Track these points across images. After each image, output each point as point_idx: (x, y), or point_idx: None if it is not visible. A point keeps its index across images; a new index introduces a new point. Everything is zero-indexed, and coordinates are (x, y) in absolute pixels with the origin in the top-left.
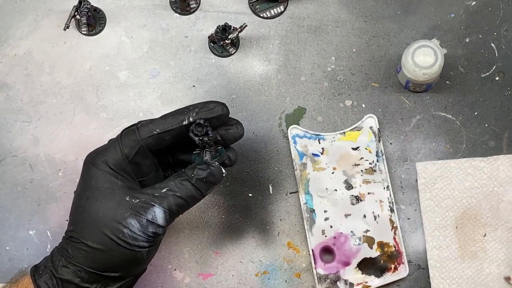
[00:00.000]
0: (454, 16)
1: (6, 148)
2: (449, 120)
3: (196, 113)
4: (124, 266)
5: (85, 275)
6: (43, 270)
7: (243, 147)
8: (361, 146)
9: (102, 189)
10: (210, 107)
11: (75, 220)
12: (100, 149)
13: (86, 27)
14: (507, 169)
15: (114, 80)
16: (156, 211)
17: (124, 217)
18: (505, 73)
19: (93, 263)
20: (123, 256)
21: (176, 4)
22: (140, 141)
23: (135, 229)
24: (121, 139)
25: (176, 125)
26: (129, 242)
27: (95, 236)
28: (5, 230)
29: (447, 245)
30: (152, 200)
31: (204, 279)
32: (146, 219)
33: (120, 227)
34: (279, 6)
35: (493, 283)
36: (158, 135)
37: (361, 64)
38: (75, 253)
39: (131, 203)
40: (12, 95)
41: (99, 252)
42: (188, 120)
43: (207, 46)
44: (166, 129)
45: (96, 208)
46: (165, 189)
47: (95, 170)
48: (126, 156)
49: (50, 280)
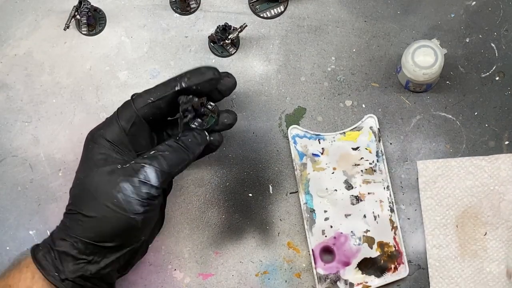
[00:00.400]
0: (454, 16)
1: (6, 148)
2: (449, 120)
3: (188, 78)
4: (120, 234)
5: (82, 246)
6: (42, 246)
7: (243, 147)
8: (361, 146)
9: (97, 161)
10: (201, 71)
11: (73, 194)
12: (100, 125)
13: (86, 27)
14: (508, 168)
15: (114, 80)
16: (148, 170)
17: (117, 182)
18: (505, 73)
19: (89, 233)
20: (118, 223)
21: (176, 4)
22: (136, 112)
23: (129, 192)
24: (117, 113)
25: (169, 91)
26: (123, 207)
27: (91, 205)
28: (5, 230)
29: (447, 244)
30: (142, 161)
31: (204, 279)
32: (138, 180)
33: (114, 192)
34: (279, 6)
35: (493, 282)
36: (153, 103)
37: (361, 64)
38: (72, 224)
39: (122, 169)
40: (12, 95)
41: (94, 221)
42: (180, 85)
43: (207, 46)
44: (160, 96)
45: (90, 178)
46: (154, 151)
47: (93, 144)
48: (123, 128)
49: (48, 253)
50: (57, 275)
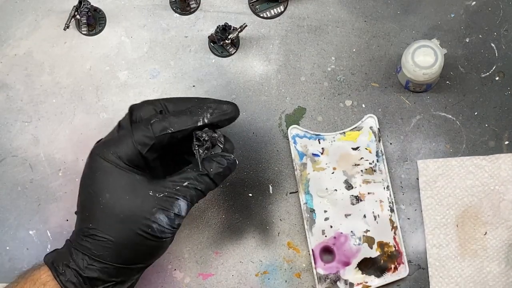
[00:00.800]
0: (454, 16)
1: (6, 148)
2: (449, 120)
3: (210, 114)
4: (150, 257)
5: (112, 271)
6: (65, 270)
7: (243, 147)
8: (361, 146)
9: (123, 185)
10: (224, 109)
11: (96, 217)
12: (110, 142)
13: (86, 27)
14: (508, 167)
15: (114, 80)
16: (181, 204)
17: (152, 212)
18: (505, 73)
19: (120, 259)
20: (150, 249)
21: (176, 4)
22: (154, 139)
23: (164, 223)
24: (133, 134)
25: (190, 125)
26: (157, 235)
27: (123, 233)
28: (5, 230)
29: (447, 243)
30: (175, 193)
31: (204, 279)
32: (174, 213)
33: (148, 222)
34: (279, 6)
35: (493, 282)
36: (172, 133)
37: (361, 64)
38: (100, 250)
39: (156, 198)
40: (12, 95)
41: (127, 248)
42: (203, 121)
43: (207, 46)
44: (180, 128)
45: (120, 206)
46: (187, 182)
47: (109, 165)
48: (139, 151)
49: (76, 279)
50: None
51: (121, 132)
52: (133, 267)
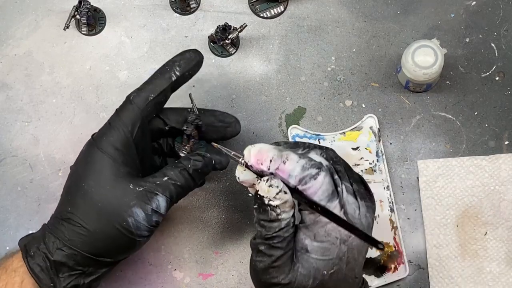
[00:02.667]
0: (454, 16)
1: (6, 148)
2: (449, 120)
3: (178, 65)
4: (121, 252)
5: (80, 259)
6: (35, 252)
7: (243, 147)
8: (361, 146)
9: (107, 175)
10: (187, 56)
11: (76, 202)
12: (103, 130)
13: (86, 27)
14: (508, 167)
15: (114, 80)
16: (160, 199)
17: (130, 205)
18: (505, 73)
19: (91, 248)
20: (123, 244)
21: (176, 4)
22: (141, 112)
23: (140, 218)
24: (121, 117)
25: (166, 84)
26: (132, 231)
27: (98, 223)
28: (5, 230)
29: (447, 243)
30: (155, 188)
31: (204, 279)
32: (151, 208)
33: (125, 216)
34: (279, 6)
35: (493, 282)
36: (154, 99)
37: (361, 64)
38: (72, 236)
39: (135, 192)
40: (12, 95)
41: (99, 239)
42: (175, 75)
43: (207, 46)
44: (159, 91)
45: (100, 195)
46: (166, 178)
47: (100, 154)
48: (130, 132)
49: (43, 262)
50: (52, 286)
51: (110, 119)
52: (101, 259)
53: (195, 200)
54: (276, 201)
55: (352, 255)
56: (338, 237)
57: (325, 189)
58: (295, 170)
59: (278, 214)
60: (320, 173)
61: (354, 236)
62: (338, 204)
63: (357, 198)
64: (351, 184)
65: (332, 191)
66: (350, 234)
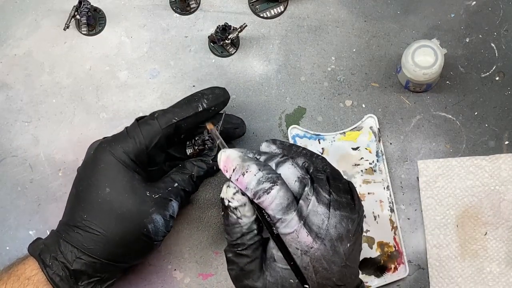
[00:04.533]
0: (454, 16)
1: (6, 148)
2: (449, 120)
3: (206, 99)
4: (139, 257)
5: (99, 266)
6: (53, 262)
7: (243, 147)
8: (361, 146)
9: (124, 183)
10: (216, 92)
11: (92, 210)
12: (119, 138)
13: (86, 27)
14: (508, 167)
15: (114, 80)
16: (174, 205)
17: (149, 212)
18: (505, 73)
19: (110, 255)
20: (141, 249)
21: (176, 4)
22: (161, 131)
23: (159, 225)
24: (141, 130)
25: (192, 112)
26: (151, 237)
27: (118, 230)
28: (5, 230)
29: (447, 243)
30: (168, 195)
31: (204, 279)
32: (169, 214)
33: (146, 222)
34: (279, 6)
35: (493, 282)
36: (176, 123)
37: (361, 64)
38: (91, 244)
39: (153, 199)
40: (12, 95)
41: (119, 245)
42: (202, 106)
43: (207, 46)
44: (184, 116)
45: (119, 203)
46: (176, 184)
47: (115, 160)
48: (146, 147)
49: (63, 272)
50: None
51: (129, 129)
52: (119, 265)
53: (195, 200)
54: (234, 202)
55: (320, 265)
56: (299, 248)
57: (279, 203)
58: (251, 184)
59: (238, 218)
60: (273, 187)
61: (316, 247)
62: (295, 215)
63: (331, 208)
64: (329, 194)
65: (287, 204)
66: (312, 245)
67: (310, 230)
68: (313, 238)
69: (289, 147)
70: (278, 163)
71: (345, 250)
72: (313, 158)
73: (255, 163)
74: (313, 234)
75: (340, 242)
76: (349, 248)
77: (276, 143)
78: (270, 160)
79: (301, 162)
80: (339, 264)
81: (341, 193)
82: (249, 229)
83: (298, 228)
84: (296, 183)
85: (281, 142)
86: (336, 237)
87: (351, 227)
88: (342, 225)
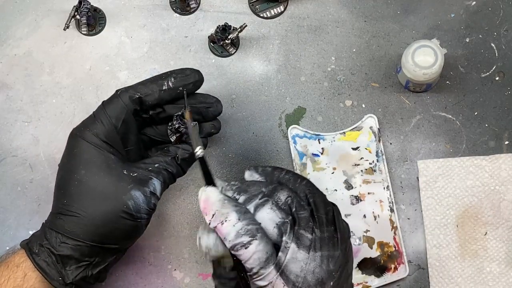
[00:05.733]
0: (454, 16)
1: (6, 148)
2: (449, 120)
3: (174, 78)
4: (125, 237)
5: (85, 249)
6: (39, 249)
7: (243, 147)
8: (361, 146)
9: (98, 163)
10: (186, 73)
11: (70, 193)
12: (87, 122)
13: (86, 27)
14: (509, 167)
15: (114, 80)
16: (155, 183)
17: (128, 189)
18: (505, 73)
19: (94, 237)
20: (125, 228)
21: (176, 4)
22: (126, 107)
23: (140, 201)
24: (105, 110)
25: (156, 89)
26: (132, 214)
27: (97, 209)
28: (5, 230)
29: (447, 243)
30: (149, 173)
31: (204, 279)
32: (150, 191)
33: (124, 199)
34: (279, 6)
35: (493, 282)
36: (140, 99)
37: (361, 64)
38: (73, 227)
39: (130, 177)
40: (12, 95)
41: (100, 225)
42: (167, 85)
43: (207, 46)
44: (147, 93)
45: (95, 182)
46: (157, 164)
47: (86, 144)
48: (114, 126)
49: (49, 257)
50: (61, 280)
51: (95, 111)
52: (106, 247)
53: (195, 200)
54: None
55: None
56: None
57: (257, 257)
58: (230, 235)
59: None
60: (252, 242)
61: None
62: (273, 269)
63: (311, 251)
64: (312, 233)
65: (266, 258)
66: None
67: (287, 280)
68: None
69: (271, 172)
70: (257, 206)
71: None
72: (297, 185)
73: (235, 211)
74: (289, 284)
75: (321, 285)
76: (333, 285)
77: (258, 170)
78: (249, 202)
79: (284, 198)
80: None
81: (324, 226)
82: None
83: (274, 279)
84: (275, 230)
85: (263, 168)
86: (315, 283)
87: (332, 267)
88: (323, 268)
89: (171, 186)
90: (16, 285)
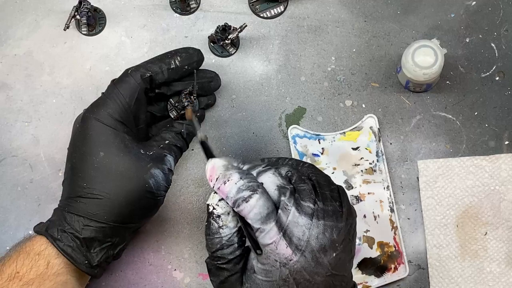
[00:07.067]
0: (454, 16)
1: (6, 148)
2: (449, 120)
3: (180, 56)
4: (145, 215)
5: (108, 230)
6: (61, 235)
7: (243, 147)
8: (361, 146)
9: (116, 144)
10: (190, 52)
11: (91, 177)
12: (99, 102)
13: (86, 27)
14: (508, 168)
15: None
16: (170, 159)
17: (148, 168)
18: (505, 73)
19: (118, 217)
20: (146, 206)
21: (176, 4)
22: (138, 86)
23: (160, 179)
24: (118, 89)
25: (165, 67)
26: (154, 192)
27: (119, 190)
28: (5, 230)
29: (447, 243)
30: (162, 151)
31: (204, 279)
32: (167, 168)
33: (145, 178)
34: (279, 6)
35: (493, 282)
36: (150, 77)
37: (361, 64)
38: (96, 210)
39: (148, 155)
40: (12, 95)
41: (125, 206)
42: (175, 63)
43: (207, 46)
44: (157, 72)
45: (116, 164)
46: (167, 141)
47: (101, 125)
48: (128, 105)
49: (73, 242)
50: (87, 263)
51: (107, 92)
52: (128, 225)
53: (195, 200)
54: (219, 209)
55: (302, 277)
56: (278, 260)
57: (258, 212)
58: (231, 192)
59: (220, 227)
60: (253, 196)
61: (295, 260)
62: (274, 226)
63: (313, 218)
64: (314, 203)
65: (267, 213)
66: (291, 257)
67: (290, 241)
68: (292, 250)
69: (276, 161)
70: (259, 172)
71: (330, 260)
72: (299, 167)
73: (238, 172)
74: (292, 246)
75: (323, 253)
76: (336, 257)
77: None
78: (253, 169)
79: (284, 172)
80: (323, 274)
81: (328, 201)
82: (229, 241)
83: (277, 239)
84: (276, 192)
85: (269, 158)
86: (318, 248)
87: (336, 237)
88: (326, 236)
89: (171, 186)
90: (40, 273)
